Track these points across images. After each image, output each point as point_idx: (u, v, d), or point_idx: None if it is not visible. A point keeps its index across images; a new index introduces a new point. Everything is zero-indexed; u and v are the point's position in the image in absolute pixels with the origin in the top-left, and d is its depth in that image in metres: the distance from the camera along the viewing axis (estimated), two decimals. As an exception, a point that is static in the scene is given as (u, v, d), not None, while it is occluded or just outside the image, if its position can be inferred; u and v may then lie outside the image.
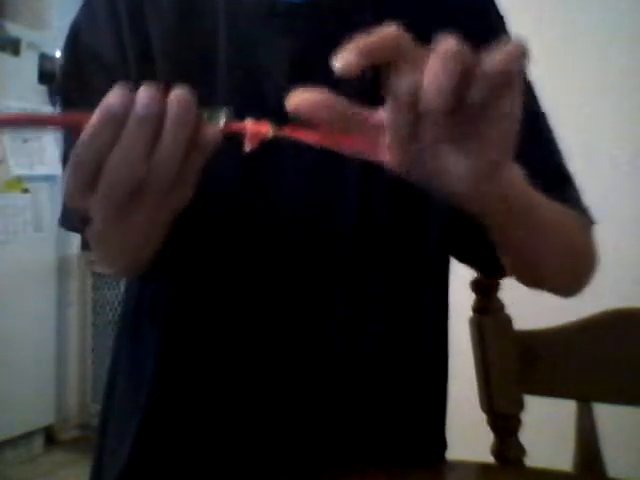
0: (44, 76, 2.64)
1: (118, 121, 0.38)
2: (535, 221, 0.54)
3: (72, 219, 0.65)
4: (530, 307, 1.07)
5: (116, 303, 2.83)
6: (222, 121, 0.40)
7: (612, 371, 0.80)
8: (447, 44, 0.36)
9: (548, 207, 0.56)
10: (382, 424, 0.64)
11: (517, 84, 0.38)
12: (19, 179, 2.58)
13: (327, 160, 0.60)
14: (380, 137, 0.39)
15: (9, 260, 2.56)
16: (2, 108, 2.52)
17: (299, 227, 0.61)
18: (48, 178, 2.58)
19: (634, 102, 1.64)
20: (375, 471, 0.62)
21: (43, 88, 2.65)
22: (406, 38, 0.37)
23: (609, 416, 0.83)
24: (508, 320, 0.82)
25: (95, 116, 0.38)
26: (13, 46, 2.56)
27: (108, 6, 0.63)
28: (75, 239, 2.83)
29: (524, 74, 0.49)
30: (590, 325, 0.82)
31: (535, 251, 0.58)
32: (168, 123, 0.38)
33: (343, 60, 0.36)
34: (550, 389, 0.82)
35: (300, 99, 0.38)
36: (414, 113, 0.36)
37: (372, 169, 0.61)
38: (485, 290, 0.82)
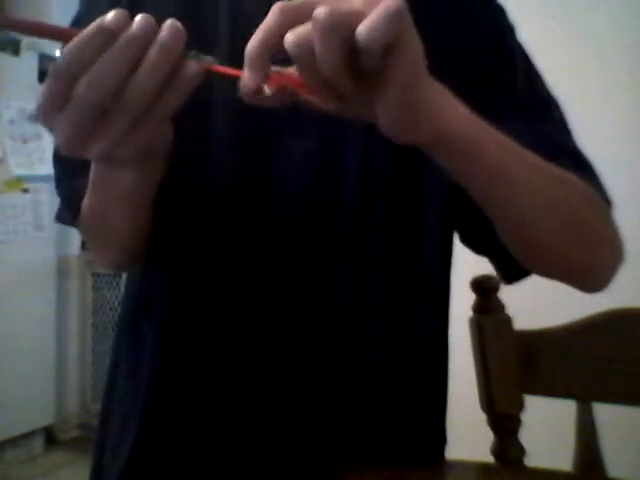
0: (44, 76, 2.63)
1: (110, 35, 0.39)
2: (514, 180, 0.50)
3: (65, 213, 0.65)
4: (530, 307, 1.07)
5: (116, 303, 2.83)
6: (207, 61, 0.41)
7: (612, 371, 0.80)
8: (321, 13, 0.36)
9: (537, 170, 0.53)
10: (382, 420, 0.64)
11: (402, 36, 0.37)
12: (19, 179, 2.58)
13: (328, 141, 0.60)
14: None
15: (9, 260, 2.56)
16: (2, 108, 2.53)
17: (299, 213, 0.61)
18: (48, 178, 2.58)
19: (635, 102, 1.65)
20: (375, 471, 0.62)
21: (43, 88, 2.65)
22: (281, 16, 0.39)
23: (609, 416, 0.83)
24: (508, 320, 0.82)
25: (90, 27, 0.40)
26: (13, 46, 2.57)
27: (109, 5, 0.63)
28: (75, 239, 2.84)
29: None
30: (590, 325, 0.82)
31: (526, 218, 0.53)
32: (155, 45, 0.40)
33: (246, 88, 0.39)
34: (550, 389, 0.82)
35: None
36: (317, 74, 0.38)
37: (373, 149, 0.61)
38: (485, 290, 0.82)
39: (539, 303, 1.39)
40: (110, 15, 0.40)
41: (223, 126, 0.61)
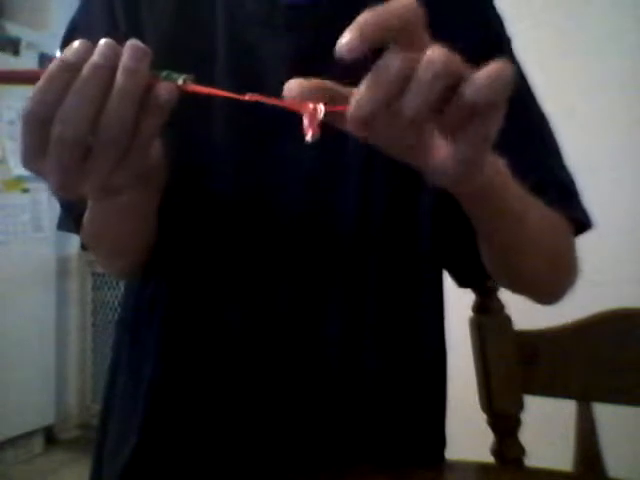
0: (44, 76, 2.64)
1: (73, 69, 0.38)
2: (521, 220, 0.54)
3: (68, 222, 0.65)
4: (530, 307, 1.07)
5: (116, 303, 2.83)
6: (180, 81, 0.40)
7: (612, 371, 0.80)
8: (440, 56, 0.34)
9: (528, 202, 0.55)
10: (382, 421, 0.64)
11: (502, 103, 0.37)
12: (19, 179, 2.58)
13: (328, 146, 0.61)
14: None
15: (9, 260, 2.56)
16: (2, 108, 2.52)
17: (299, 218, 0.61)
18: (48, 178, 2.57)
19: (634, 102, 1.65)
20: (375, 471, 0.62)
21: (43, 88, 2.65)
22: (415, 15, 0.36)
23: (609, 416, 0.83)
24: (508, 320, 0.82)
25: (51, 64, 0.38)
26: (13, 46, 2.56)
27: (105, 6, 0.63)
28: (75, 239, 2.83)
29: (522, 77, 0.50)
30: (590, 325, 0.82)
31: (513, 246, 0.57)
32: (120, 70, 0.38)
33: (346, 45, 0.34)
34: (550, 389, 0.82)
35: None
36: (394, 98, 0.35)
37: (372, 162, 0.61)
38: (485, 290, 0.82)
39: (539, 303, 1.39)
40: (70, 48, 0.38)
41: (221, 133, 0.61)
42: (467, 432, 0.99)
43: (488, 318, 0.81)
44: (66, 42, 0.66)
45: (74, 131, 0.38)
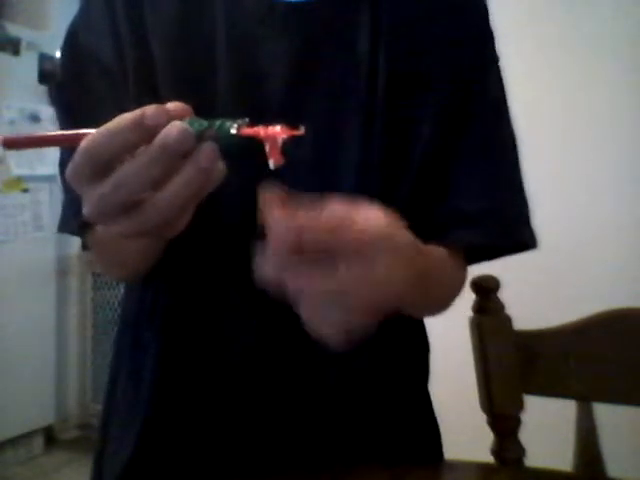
0: (44, 76, 2.64)
1: (146, 134, 0.36)
2: (428, 287, 0.56)
3: (71, 224, 0.65)
4: (530, 307, 1.07)
5: (116, 303, 2.83)
6: (234, 127, 0.38)
7: (612, 371, 0.80)
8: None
9: (441, 266, 0.60)
10: (377, 421, 0.65)
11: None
12: (19, 179, 2.58)
13: (324, 150, 0.61)
14: None
15: (9, 260, 2.56)
16: (2, 107, 2.53)
17: None
18: (48, 178, 2.57)
19: (635, 103, 1.65)
20: (375, 471, 0.62)
21: (43, 88, 2.65)
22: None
23: (609, 416, 0.83)
24: (508, 320, 0.82)
25: (126, 120, 0.35)
26: (13, 46, 2.56)
27: (106, 7, 0.63)
28: (75, 239, 2.82)
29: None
30: (590, 325, 0.82)
31: (423, 307, 0.62)
32: (192, 164, 0.36)
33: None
34: (550, 389, 0.82)
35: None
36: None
37: (367, 162, 0.61)
38: (485, 290, 0.82)
39: (539, 303, 1.39)
40: (150, 110, 0.36)
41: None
42: (467, 432, 0.99)
43: (488, 318, 0.82)
44: (67, 45, 0.66)
45: (123, 196, 0.36)
